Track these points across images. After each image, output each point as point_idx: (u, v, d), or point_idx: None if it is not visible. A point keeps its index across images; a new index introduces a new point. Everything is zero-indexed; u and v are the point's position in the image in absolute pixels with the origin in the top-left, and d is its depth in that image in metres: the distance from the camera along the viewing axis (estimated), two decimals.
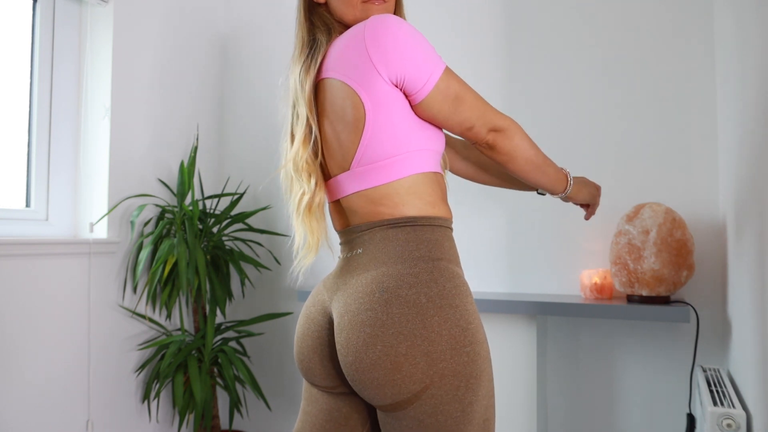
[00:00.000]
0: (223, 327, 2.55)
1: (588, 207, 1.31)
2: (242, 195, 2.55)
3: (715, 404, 1.30)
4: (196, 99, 2.66)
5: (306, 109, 1.03)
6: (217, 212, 2.57)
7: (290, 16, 1.13)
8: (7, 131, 2.06)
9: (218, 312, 2.58)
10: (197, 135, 2.56)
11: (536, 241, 2.13)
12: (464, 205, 2.21)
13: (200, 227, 2.40)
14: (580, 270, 2.04)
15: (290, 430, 2.58)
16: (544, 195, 1.31)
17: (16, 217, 2.03)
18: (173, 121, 2.53)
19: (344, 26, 1.08)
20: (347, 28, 1.06)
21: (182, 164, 2.38)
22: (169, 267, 2.23)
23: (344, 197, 1.04)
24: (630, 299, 1.82)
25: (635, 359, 1.98)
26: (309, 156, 1.05)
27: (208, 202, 2.67)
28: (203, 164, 2.68)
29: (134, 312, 2.30)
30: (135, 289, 2.32)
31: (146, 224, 2.37)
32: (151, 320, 2.34)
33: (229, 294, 2.48)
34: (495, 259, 2.20)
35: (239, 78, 2.77)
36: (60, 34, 2.19)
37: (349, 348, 0.94)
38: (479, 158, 1.30)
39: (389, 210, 0.99)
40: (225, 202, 2.69)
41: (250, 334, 2.48)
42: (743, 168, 1.38)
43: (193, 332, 2.46)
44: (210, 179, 2.73)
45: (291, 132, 1.08)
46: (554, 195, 1.19)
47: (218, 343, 2.43)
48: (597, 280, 1.90)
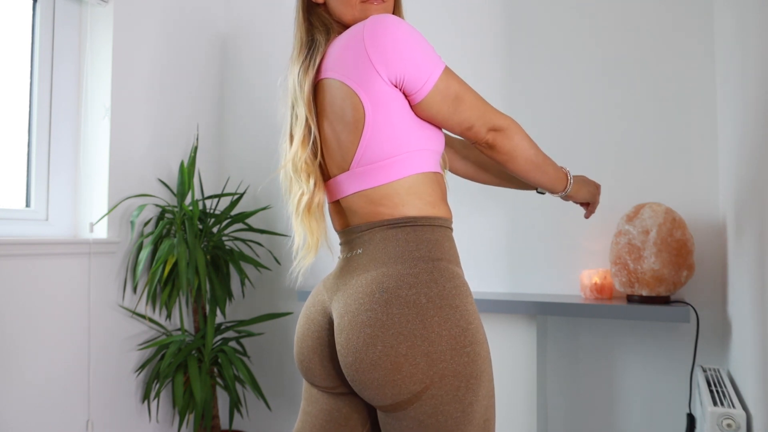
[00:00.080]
0: (223, 327, 2.55)
1: (588, 206, 1.31)
2: (242, 195, 2.55)
3: (715, 404, 1.30)
4: (196, 99, 2.66)
5: (305, 110, 1.03)
6: (217, 212, 2.57)
7: (290, 16, 1.13)
8: (7, 131, 2.06)
9: (218, 312, 2.58)
10: (197, 135, 2.56)
11: (536, 241, 2.13)
12: (464, 205, 2.21)
13: (200, 227, 2.40)
14: (580, 270, 2.05)
15: (290, 430, 2.58)
16: (544, 194, 1.31)
17: (16, 217, 2.03)
18: (173, 121, 2.53)
19: (343, 26, 1.08)
20: (346, 28, 1.06)
21: (182, 164, 2.38)
22: (169, 267, 2.23)
23: (344, 198, 1.04)
24: (630, 299, 1.82)
25: (635, 359, 1.98)
26: (308, 156, 1.04)
27: (208, 202, 2.67)
28: (203, 164, 2.68)
29: (134, 312, 2.30)
30: (135, 289, 2.32)
31: (146, 224, 2.37)
32: (151, 320, 2.34)
33: (229, 294, 2.48)
34: (495, 259, 2.20)
35: (239, 78, 2.77)
36: (60, 34, 2.19)
37: (349, 348, 0.94)
38: (479, 157, 1.30)
39: (389, 210, 0.99)
40: (225, 202, 2.69)
41: (250, 334, 2.48)
42: (743, 168, 1.37)
43: (193, 332, 2.46)
44: (210, 179, 2.73)
45: (290, 132, 1.08)
46: (554, 194, 1.19)
47: (218, 343, 2.43)
48: (597, 280, 1.90)
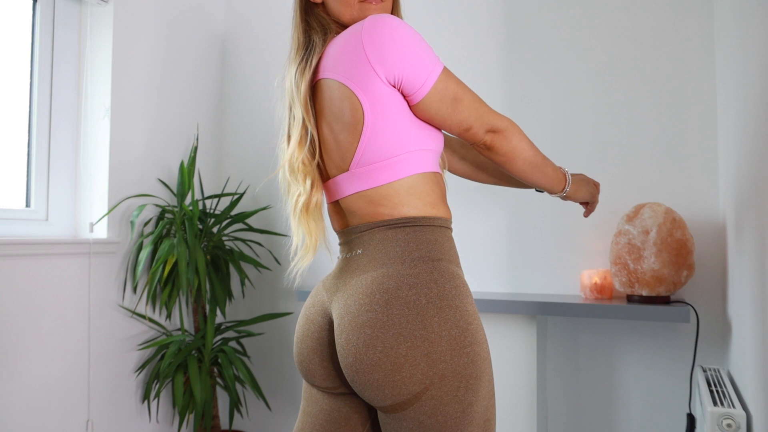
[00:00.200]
0: (223, 327, 2.55)
1: (587, 205, 1.31)
2: (242, 195, 2.55)
3: (715, 404, 1.30)
4: (196, 99, 2.66)
5: (302, 111, 1.03)
6: (217, 212, 2.57)
7: (289, 16, 1.13)
8: (7, 131, 2.06)
9: (218, 312, 2.58)
10: (197, 135, 2.56)
11: (537, 241, 2.13)
12: (464, 205, 2.21)
13: (200, 227, 2.40)
14: (581, 270, 2.04)
15: (290, 430, 2.58)
16: (543, 192, 1.31)
17: (16, 217, 2.03)
18: (173, 121, 2.53)
19: (341, 26, 1.08)
20: (344, 28, 1.06)
21: (182, 164, 2.38)
22: (169, 267, 2.23)
23: (343, 198, 1.03)
24: (630, 299, 1.82)
25: (635, 359, 1.98)
26: (305, 157, 1.04)
27: (208, 202, 2.67)
28: (203, 164, 2.68)
29: (134, 312, 2.30)
30: (135, 289, 2.32)
31: (146, 224, 2.37)
32: (151, 320, 2.34)
33: (229, 294, 2.48)
34: (495, 259, 2.20)
35: (239, 78, 2.77)
36: (60, 34, 2.19)
37: (350, 349, 0.94)
38: (477, 158, 1.30)
39: (389, 210, 0.99)
40: (225, 202, 2.69)
41: (250, 334, 2.48)
42: (743, 168, 1.37)
43: (193, 332, 2.46)
44: (210, 179, 2.73)
45: (288, 133, 1.08)
46: (553, 194, 1.19)
47: (218, 343, 2.43)
48: (597, 280, 1.90)
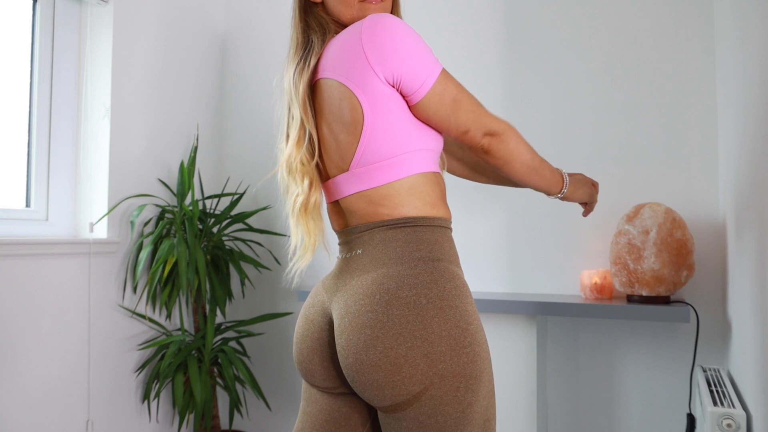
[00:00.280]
0: (223, 327, 2.55)
1: (586, 204, 1.31)
2: (242, 195, 2.55)
3: (715, 404, 1.30)
4: (196, 99, 2.66)
5: (300, 111, 1.03)
6: (217, 212, 2.57)
7: (289, 16, 1.13)
8: (7, 131, 2.06)
9: (218, 312, 2.58)
10: (197, 135, 2.56)
11: (537, 241, 2.13)
12: (464, 205, 2.21)
13: (200, 227, 2.40)
14: (580, 270, 2.04)
15: (290, 430, 2.58)
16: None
17: (16, 217, 2.03)
18: (173, 121, 2.53)
19: (341, 26, 1.07)
20: (344, 28, 1.05)
21: (182, 164, 2.38)
22: (169, 267, 2.23)
23: (343, 198, 1.03)
24: (630, 299, 1.82)
25: (635, 359, 1.98)
26: (303, 157, 1.04)
27: (208, 202, 2.67)
28: (203, 164, 2.68)
29: (134, 312, 2.30)
30: (135, 289, 2.32)
31: (146, 224, 2.37)
32: (151, 320, 2.34)
33: (229, 294, 2.48)
34: (495, 259, 2.20)
35: (239, 78, 2.77)
36: (60, 34, 2.19)
37: (350, 350, 0.94)
38: (474, 158, 1.30)
39: (389, 210, 0.99)
40: (225, 202, 2.69)
41: (250, 334, 2.48)
42: (743, 168, 1.37)
43: (193, 332, 2.46)
44: (210, 179, 2.73)
45: (286, 133, 1.08)
46: (550, 196, 1.19)
47: (218, 343, 2.43)
48: (597, 280, 1.90)
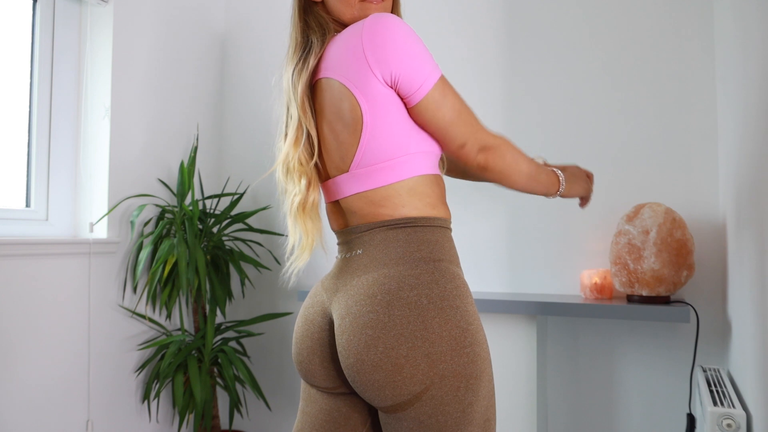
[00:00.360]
0: (223, 327, 2.55)
1: (582, 197, 1.31)
2: (242, 195, 2.55)
3: (715, 404, 1.30)
4: (196, 99, 2.66)
5: (298, 111, 1.03)
6: (217, 212, 2.57)
7: (288, 15, 1.13)
8: (7, 131, 2.06)
9: (218, 312, 2.58)
10: (197, 135, 2.56)
11: (536, 241, 2.13)
12: (464, 206, 2.21)
13: (200, 227, 2.40)
14: (580, 270, 2.04)
15: (290, 430, 2.58)
16: None
17: (16, 217, 2.03)
18: (173, 121, 2.53)
19: (341, 25, 1.07)
20: (344, 27, 1.05)
21: (182, 164, 2.38)
22: (169, 267, 2.23)
23: (343, 198, 1.03)
24: (630, 299, 1.82)
25: (635, 359, 1.98)
26: (301, 157, 1.04)
27: (208, 202, 2.67)
28: (203, 164, 2.68)
29: (134, 312, 2.30)
30: (135, 289, 2.32)
31: (146, 224, 2.37)
32: (151, 320, 2.34)
33: (229, 294, 2.48)
34: (495, 259, 2.20)
35: (239, 77, 2.77)
36: (60, 34, 2.19)
37: (351, 350, 0.94)
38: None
39: (389, 211, 0.99)
40: (225, 202, 2.69)
41: (250, 334, 2.48)
42: (743, 168, 1.37)
43: (193, 332, 2.46)
44: (210, 179, 2.73)
45: (285, 132, 1.08)
46: (548, 197, 1.19)
47: (218, 343, 2.43)
48: (597, 280, 1.90)
